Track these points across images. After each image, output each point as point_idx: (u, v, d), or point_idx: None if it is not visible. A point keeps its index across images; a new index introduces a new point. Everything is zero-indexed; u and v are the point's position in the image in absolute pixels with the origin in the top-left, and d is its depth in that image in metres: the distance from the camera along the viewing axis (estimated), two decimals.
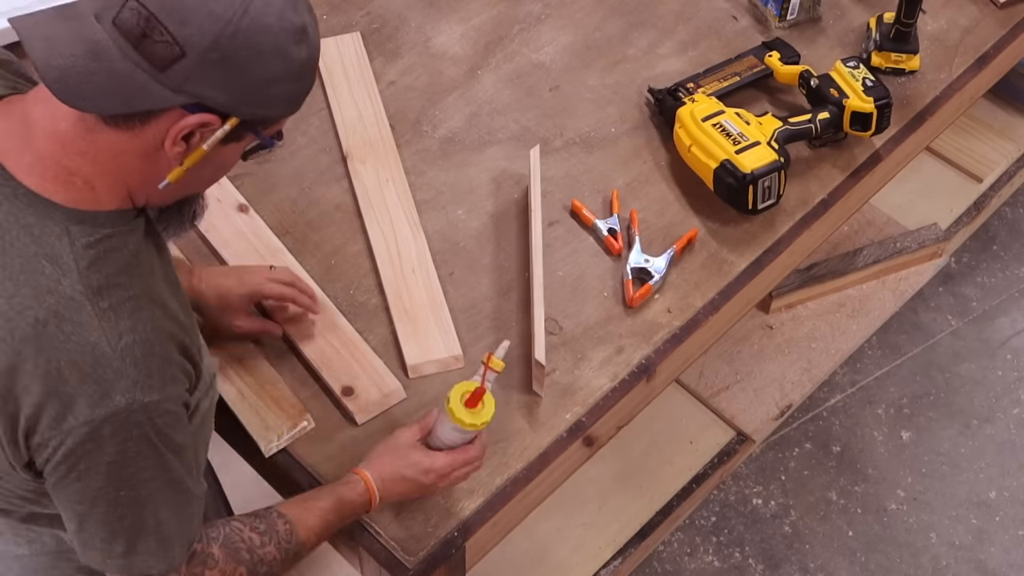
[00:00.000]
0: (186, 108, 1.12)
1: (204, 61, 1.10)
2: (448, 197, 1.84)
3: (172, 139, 1.14)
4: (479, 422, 1.38)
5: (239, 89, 1.13)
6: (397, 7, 2.14)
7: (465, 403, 1.38)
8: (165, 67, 1.09)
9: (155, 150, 1.15)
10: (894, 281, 2.69)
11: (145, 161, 1.16)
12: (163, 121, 1.13)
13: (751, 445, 2.45)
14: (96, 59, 1.09)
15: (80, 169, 1.15)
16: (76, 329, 1.13)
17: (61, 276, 1.13)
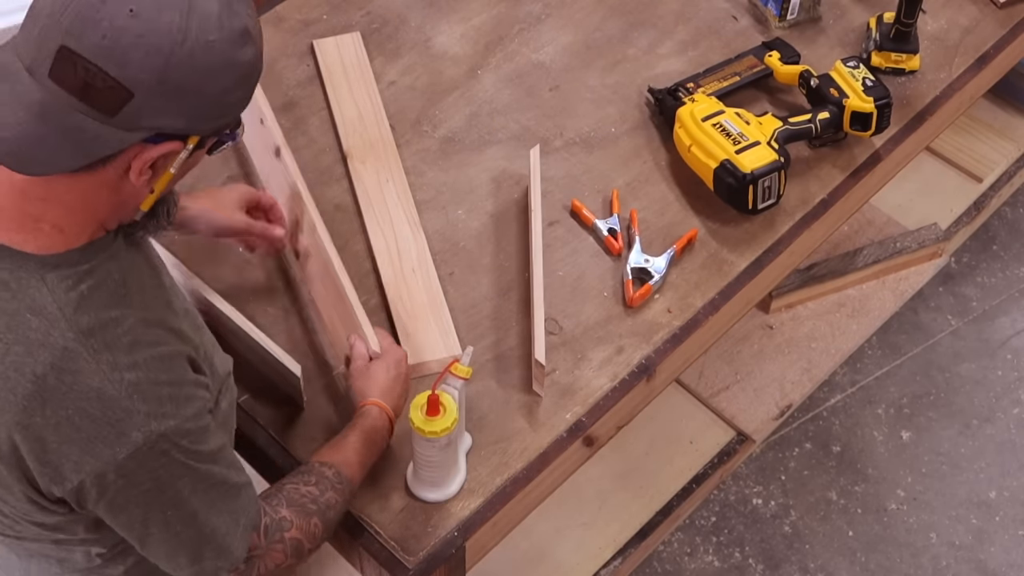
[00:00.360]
0: (147, 140, 1.09)
1: (154, 96, 1.06)
2: (448, 197, 1.84)
3: (137, 171, 1.11)
4: (439, 429, 1.39)
5: (195, 110, 1.10)
6: (397, 7, 2.14)
7: (426, 413, 1.40)
8: (116, 111, 1.05)
9: (119, 180, 1.12)
10: (894, 281, 2.69)
11: (111, 194, 1.13)
12: (124, 157, 1.10)
13: (751, 445, 2.45)
14: (43, 121, 1.05)
15: (45, 215, 1.12)
16: (76, 378, 1.11)
17: (50, 327, 1.11)
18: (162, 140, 1.10)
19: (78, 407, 1.12)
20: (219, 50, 1.08)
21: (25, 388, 1.11)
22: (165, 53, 1.05)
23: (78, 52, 1.03)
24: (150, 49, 1.04)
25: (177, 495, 1.20)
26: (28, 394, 1.11)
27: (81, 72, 1.03)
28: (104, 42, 1.03)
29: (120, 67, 1.04)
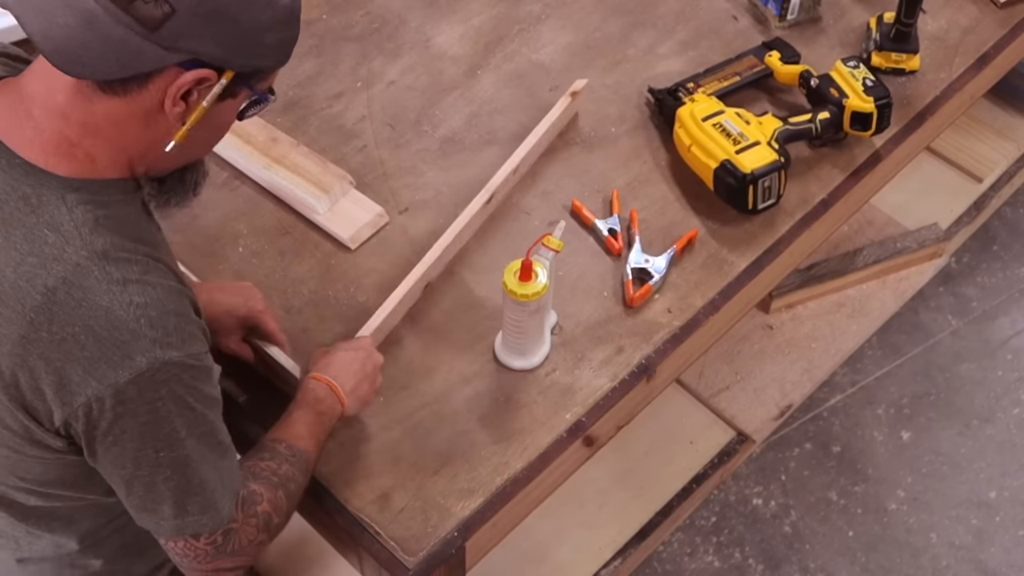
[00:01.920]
0: (182, 65, 1.13)
1: (195, 16, 1.11)
2: (448, 197, 1.84)
3: (172, 98, 1.15)
4: (530, 292, 1.50)
5: (231, 40, 1.14)
6: (397, 7, 2.14)
7: (519, 277, 1.50)
8: (157, 26, 1.10)
9: (155, 113, 1.16)
10: (894, 281, 2.69)
11: (145, 126, 1.17)
12: (160, 82, 1.14)
13: (751, 445, 2.45)
14: (89, 27, 1.10)
15: (81, 140, 1.16)
16: (86, 295, 1.13)
17: (64, 243, 1.14)
18: (197, 67, 1.14)
19: (85, 324, 1.13)
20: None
21: (34, 300, 1.13)
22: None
23: None
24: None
25: (172, 435, 1.20)
26: (36, 306, 1.13)
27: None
28: None
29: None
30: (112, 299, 1.14)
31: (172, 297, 1.19)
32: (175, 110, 1.16)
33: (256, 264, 1.75)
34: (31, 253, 1.14)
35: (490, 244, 1.79)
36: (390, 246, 1.78)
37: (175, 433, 1.20)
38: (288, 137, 1.88)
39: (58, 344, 1.13)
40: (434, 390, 1.62)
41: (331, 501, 1.52)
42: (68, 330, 1.13)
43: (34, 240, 1.14)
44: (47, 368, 1.14)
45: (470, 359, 1.66)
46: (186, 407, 1.20)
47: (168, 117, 1.17)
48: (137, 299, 1.15)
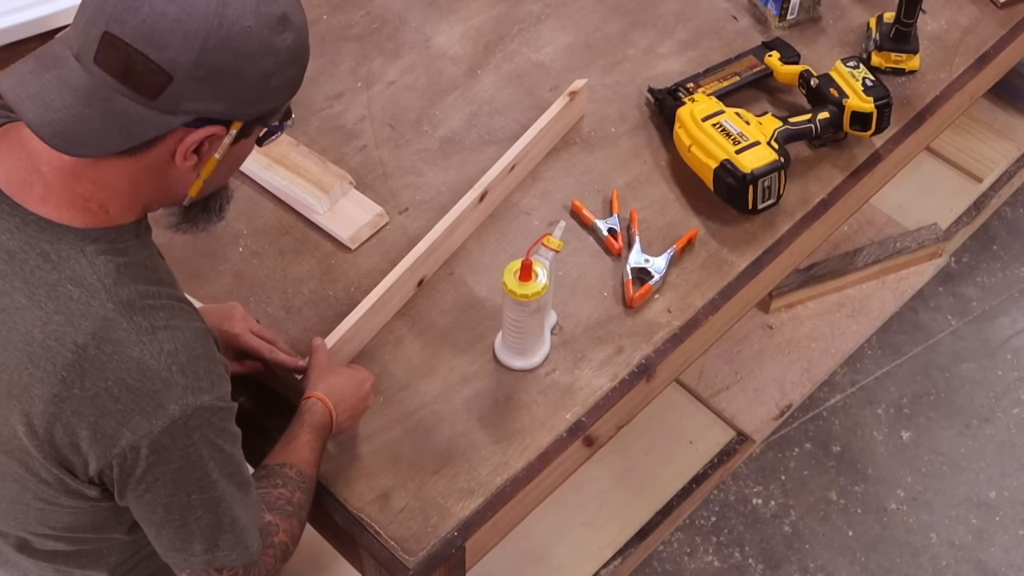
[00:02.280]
0: (189, 125, 1.12)
1: (193, 79, 1.09)
2: (448, 197, 1.84)
3: (182, 155, 1.14)
4: (530, 293, 1.50)
5: (235, 95, 1.13)
6: (397, 7, 2.14)
7: (519, 277, 1.51)
8: (156, 94, 1.09)
9: (166, 165, 1.16)
10: (894, 281, 2.69)
11: (158, 178, 1.17)
12: (168, 142, 1.13)
13: (751, 445, 2.45)
14: (88, 104, 1.08)
15: (94, 195, 1.15)
16: (117, 348, 1.13)
17: (90, 298, 1.13)
18: (204, 124, 1.13)
19: (117, 377, 1.12)
20: (256, 35, 1.11)
21: (65, 358, 1.12)
22: (202, 37, 1.08)
23: (120, 36, 1.07)
24: (187, 33, 1.08)
25: (204, 478, 1.20)
26: (68, 364, 1.12)
27: (123, 56, 1.07)
28: (143, 26, 1.07)
29: (159, 50, 1.07)
30: (143, 349, 1.13)
31: (200, 340, 1.18)
32: (187, 164, 1.16)
33: (256, 264, 1.75)
34: (57, 311, 1.13)
35: (490, 244, 1.79)
36: (390, 246, 1.78)
37: (207, 476, 1.20)
38: (288, 137, 1.88)
39: (91, 399, 1.13)
40: (434, 390, 1.62)
41: (331, 501, 1.52)
42: (101, 385, 1.13)
43: (59, 297, 1.13)
44: (81, 423, 1.14)
45: (470, 359, 1.66)
46: (216, 449, 1.20)
47: (180, 169, 1.16)
48: (167, 346, 1.14)
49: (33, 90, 1.09)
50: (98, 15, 1.08)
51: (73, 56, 1.10)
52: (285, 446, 1.43)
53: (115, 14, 1.07)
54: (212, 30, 1.08)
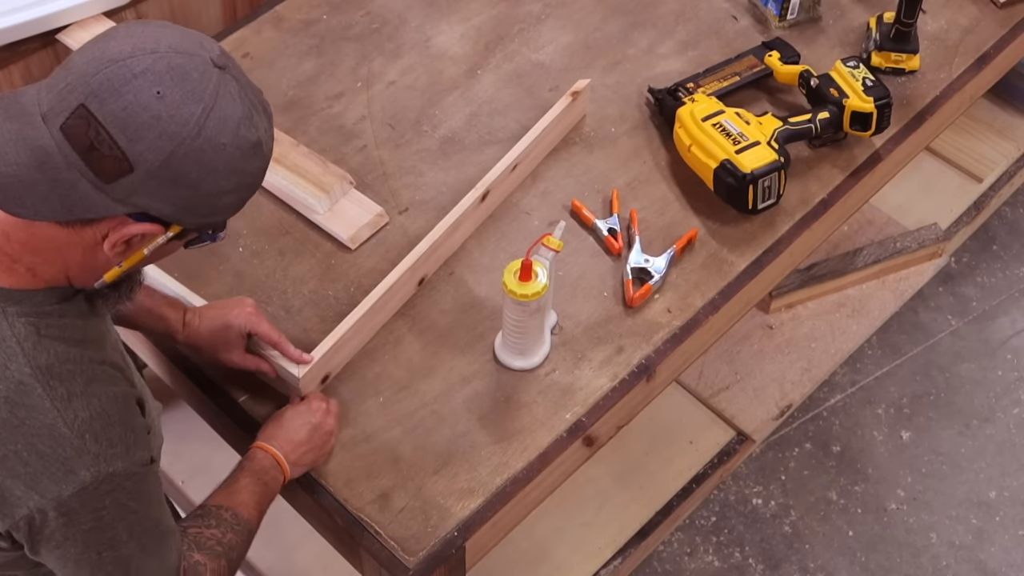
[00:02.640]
0: (130, 216, 1.11)
1: (152, 178, 1.08)
2: (448, 197, 1.84)
3: (112, 243, 1.13)
4: (530, 293, 1.51)
5: (186, 203, 1.12)
6: (397, 7, 2.14)
7: (519, 277, 1.51)
8: (111, 180, 1.07)
9: (94, 246, 1.14)
10: (894, 281, 2.69)
11: (84, 255, 1.15)
12: (104, 225, 1.12)
13: (751, 445, 2.45)
14: (40, 168, 1.07)
15: (22, 257, 1.14)
16: (30, 413, 1.11)
17: (7, 360, 1.12)
18: (145, 220, 1.12)
19: (28, 442, 1.12)
20: (228, 154, 1.11)
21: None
22: (176, 141, 1.07)
23: (95, 114, 1.06)
24: (163, 133, 1.07)
25: (115, 537, 1.19)
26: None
27: (92, 133, 1.06)
28: (123, 112, 1.06)
29: (130, 141, 1.06)
30: (56, 416, 1.12)
31: (117, 406, 1.17)
32: (114, 251, 1.14)
33: (256, 264, 1.75)
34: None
35: (490, 244, 1.79)
36: (390, 246, 1.78)
37: (117, 537, 1.19)
38: (288, 137, 1.88)
39: (0, 461, 1.12)
40: (434, 390, 1.62)
41: (331, 501, 1.52)
42: (11, 447, 1.11)
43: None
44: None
45: (470, 359, 1.66)
46: (129, 511, 1.19)
47: (104, 254, 1.14)
48: (82, 414, 1.13)
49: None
50: (79, 86, 1.06)
51: (40, 115, 1.07)
52: (224, 489, 1.42)
53: (97, 91, 1.06)
54: (188, 138, 1.08)
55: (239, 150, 1.12)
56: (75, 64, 1.09)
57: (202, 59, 1.10)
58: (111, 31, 1.12)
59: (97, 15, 2.09)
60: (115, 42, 1.09)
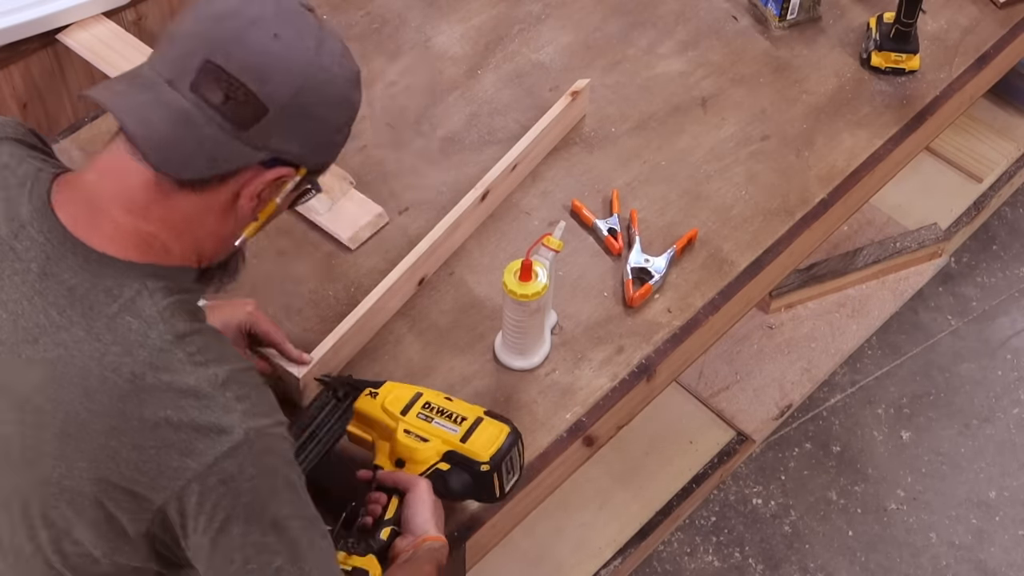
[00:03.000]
0: (263, 164, 1.16)
1: (284, 116, 1.14)
2: (448, 197, 1.84)
3: (249, 195, 1.18)
4: (530, 293, 1.50)
5: (313, 139, 1.19)
6: (397, 7, 2.14)
7: (519, 277, 1.50)
8: (249, 125, 1.13)
9: (228, 208, 1.19)
10: (894, 281, 2.69)
11: (218, 219, 1.19)
12: (239, 179, 1.17)
13: (751, 445, 2.45)
14: (184, 126, 1.12)
15: (160, 233, 1.17)
16: (174, 376, 1.12)
17: (148, 329, 1.13)
18: (276, 165, 1.18)
19: (176, 405, 1.11)
20: (340, 84, 1.19)
21: (122, 388, 1.11)
22: (302, 76, 1.14)
23: (223, 67, 1.12)
24: (289, 70, 1.14)
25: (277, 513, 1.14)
26: (124, 394, 1.11)
27: (224, 85, 1.12)
28: (250, 58, 1.12)
29: (261, 83, 1.12)
30: (198, 377, 1.13)
31: (250, 373, 1.19)
32: (249, 205, 1.19)
33: (256, 264, 1.75)
34: (114, 342, 1.12)
35: (490, 244, 1.79)
36: (390, 246, 1.78)
37: (279, 510, 1.14)
38: None
39: (152, 430, 1.11)
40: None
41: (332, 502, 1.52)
42: (161, 414, 1.11)
43: (117, 328, 1.12)
44: (141, 457, 1.11)
45: (470, 359, 1.66)
46: (286, 481, 1.16)
47: (241, 212, 1.20)
48: (221, 374, 1.14)
49: (132, 105, 1.13)
50: (198, 45, 1.12)
51: (165, 82, 1.13)
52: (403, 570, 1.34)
53: (220, 45, 1.12)
54: (310, 71, 1.15)
55: (347, 80, 1.20)
56: (183, 30, 1.15)
57: (296, 2, 1.18)
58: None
59: (97, 15, 2.09)
60: (218, 2, 1.15)
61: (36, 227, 1.15)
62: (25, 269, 1.14)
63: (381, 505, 1.38)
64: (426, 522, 1.36)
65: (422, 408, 1.43)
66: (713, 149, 1.94)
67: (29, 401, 1.12)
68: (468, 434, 1.40)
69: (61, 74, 2.15)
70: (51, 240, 1.15)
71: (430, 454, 1.40)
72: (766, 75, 2.05)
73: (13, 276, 1.14)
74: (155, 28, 2.23)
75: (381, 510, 1.38)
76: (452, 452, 1.39)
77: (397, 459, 1.42)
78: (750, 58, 2.08)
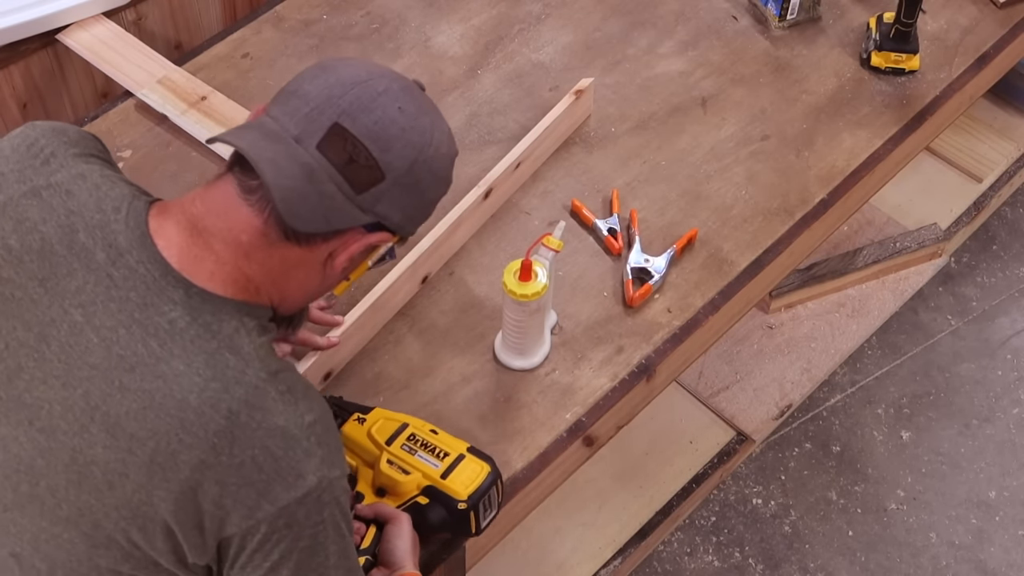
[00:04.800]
0: (366, 227, 1.20)
1: (397, 185, 1.20)
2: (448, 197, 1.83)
3: (348, 256, 1.22)
4: (530, 293, 1.50)
5: (415, 211, 1.25)
6: (397, 7, 2.14)
7: (519, 277, 1.51)
8: (363, 189, 1.18)
9: (321, 264, 1.22)
10: (894, 281, 2.69)
11: (311, 274, 1.23)
12: (341, 239, 1.21)
13: (751, 445, 2.45)
14: (311, 182, 1.16)
15: (255, 276, 1.19)
16: (265, 416, 1.14)
17: (245, 366, 1.15)
18: (378, 230, 1.23)
19: (263, 445, 1.13)
20: (446, 163, 1.27)
21: (217, 424, 1.12)
22: (418, 149, 1.21)
23: (350, 130, 1.17)
24: (408, 143, 1.20)
25: (324, 563, 1.17)
26: (219, 430, 1.12)
27: (349, 148, 1.17)
28: (375, 127, 1.18)
29: (383, 151, 1.18)
30: (287, 418, 1.15)
31: (329, 415, 1.20)
32: (342, 264, 1.23)
33: None
34: (213, 378, 1.13)
35: (490, 244, 1.79)
36: None
37: (326, 560, 1.18)
38: None
39: (237, 468, 1.12)
40: (434, 390, 1.62)
41: None
42: (248, 453, 1.13)
43: (216, 365, 1.14)
44: (221, 492, 1.12)
45: (470, 359, 1.66)
46: (339, 533, 1.18)
47: (332, 269, 1.23)
48: (308, 417, 1.16)
49: (269, 155, 1.16)
50: (328, 108, 1.17)
51: (293, 139, 1.17)
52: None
53: (349, 111, 1.17)
54: (426, 146, 1.21)
55: (450, 159, 1.28)
56: (311, 90, 1.19)
57: (412, 82, 1.26)
58: (325, 63, 1.23)
59: (97, 15, 2.09)
60: (346, 69, 1.21)
61: (135, 256, 1.16)
62: (123, 298, 1.15)
63: (360, 535, 1.39)
64: (404, 555, 1.38)
65: (407, 440, 1.43)
66: (713, 149, 1.94)
67: (122, 427, 1.13)
68: (449, 471, 1.40)
69: (61, 74, 2.15)
70: (151, 271, 1.16)
71: (411, 487, 1.41)
72: (766, 75, 2.05)
73: (109, 303, 1.15)
74: (155, 28, 2.23)
75: (359, 539, 1.39)
76: (432, 487, 1.40)
77: (378, 488, 1.44)
78: (750, 58, 2.08)
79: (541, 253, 1.56)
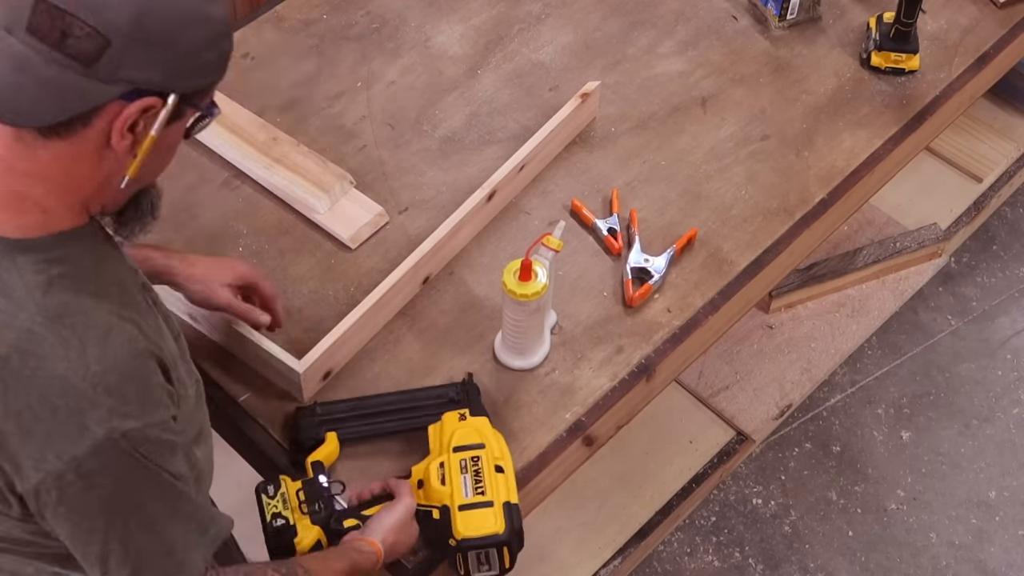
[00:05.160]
0: (124, 97, 1.09)
1: (130, 43, 1.07)
2: (448, 197, 1.84)
3: (119, 132, 1.11)
4: (530, 292, 1.50)
5: (170, 63, 1.10)
6: (397, 7, 2.14)
7: (519, 277, 1.51)
8: (93, 61, 1.06)
9: (103, 149, 1.12)
10: (894, 281, 2.69)
11: (95, 164, 1.13)
12: (103, 118, 1.10)
13: (751, 445, 2.45)
14: (23, 72, 1.06)
15: (31, 191, 1.12)
16: (41, 363, 1.08)
17: (17, 309, 1.09)
18: (139, 96, 1.10)
19: (40, 394, 1.08)
20: (184, 4, 1.10)
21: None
22: (137, 1, 1.07)
23: (54, 3, 1.05)
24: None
25: (140, 500, 1.14)
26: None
27: (58, 22, 1.05)
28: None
29: (96, 13, 1.06)
30: (68, 366, 1.09)
31: (134, 362, 1.13)
32: (123, 143, 1.12)
33: (256, 264, 1.75)
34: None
35: (490, 244, 1.79)
36: (390, 246, 1.78)
37: (142, 513, 1.14)
38: (288, 137, 1.88)
39: (15, 416, 1.08)
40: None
41: None
42: (24, 400, 1.08)
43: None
44: (4, 441, 1.09)
45: (470, 359, 1.66)
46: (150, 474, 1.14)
47: (117, 151, 1.13)
48: (94, 367, 1.09)
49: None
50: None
51: (3, 29, 1.07)
52: (318, 557, 1.36)
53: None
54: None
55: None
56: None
57: None
58: None
59: None
60: None
61: None
62: None
63: (366, 500, 1.43)
64: (382, 528, 1.38)
65: (469, 459, 1.44)
66: (713, 149, 1.94)
67: None
68: (470, 507, 1.40)
69: None
70: None
71: (435, 497, 1.43)
72: (766, 75, 2.05)
73: None
74: None
75: (363, 504, 1.42)
76: (447, 508, 1.42)
77: (420, 479, 1.46)
78: (750, 58, 2.08)
79: (541, 253, 1.56)
